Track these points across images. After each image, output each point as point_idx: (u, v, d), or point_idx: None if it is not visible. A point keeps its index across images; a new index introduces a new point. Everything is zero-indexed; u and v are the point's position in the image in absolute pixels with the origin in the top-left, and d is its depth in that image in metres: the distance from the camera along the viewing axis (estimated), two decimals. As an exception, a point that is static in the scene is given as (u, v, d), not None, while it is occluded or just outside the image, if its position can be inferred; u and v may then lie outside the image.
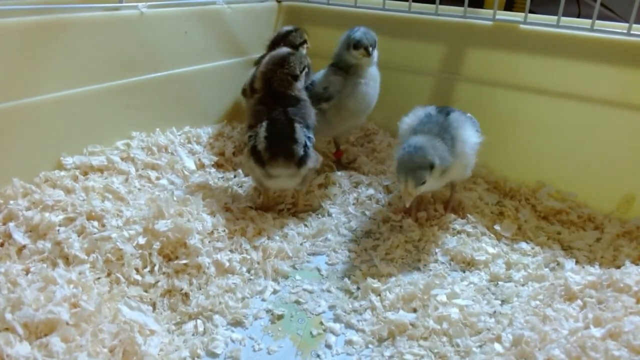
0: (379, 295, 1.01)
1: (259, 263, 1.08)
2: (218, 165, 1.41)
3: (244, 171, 1.36)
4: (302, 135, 1.13)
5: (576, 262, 1.10)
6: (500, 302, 0.99)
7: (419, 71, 1.51)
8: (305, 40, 1.45)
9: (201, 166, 1.39)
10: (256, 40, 1.61)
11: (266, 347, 0.90)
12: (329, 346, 0.91)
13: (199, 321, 0.93)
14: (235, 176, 1.38)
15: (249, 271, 1.07)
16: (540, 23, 1.29)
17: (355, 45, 1.28)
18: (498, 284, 1.05)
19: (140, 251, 0.99)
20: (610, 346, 0.75)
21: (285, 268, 1.08)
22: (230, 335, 0.91)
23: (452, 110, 1.17)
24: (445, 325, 0.91)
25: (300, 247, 1.14)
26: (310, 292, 1.03)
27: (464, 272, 1.09)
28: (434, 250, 1.15)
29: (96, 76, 1.26)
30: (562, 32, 1.25)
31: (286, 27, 1.47)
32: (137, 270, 0.98)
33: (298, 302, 1.00)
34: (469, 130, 1.13)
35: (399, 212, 1.25)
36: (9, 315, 0.78)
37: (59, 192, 1.12)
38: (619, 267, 0.99)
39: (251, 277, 1.05)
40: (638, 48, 1.16)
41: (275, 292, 1.03)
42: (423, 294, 0.98)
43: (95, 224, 1.03)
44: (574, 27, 1.23)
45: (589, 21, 1.21)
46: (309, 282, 1.06)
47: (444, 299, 0.97)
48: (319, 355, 0.89)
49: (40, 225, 1.02)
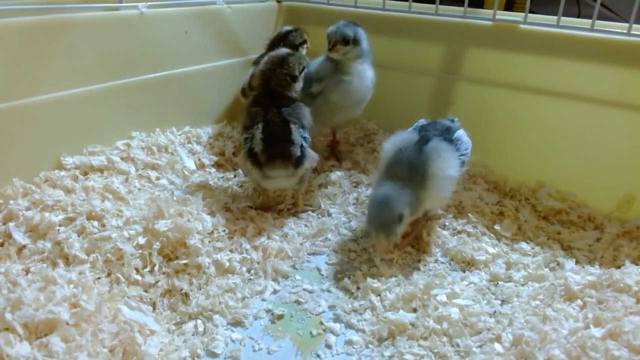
0: (379, 295, 1.01)
1: (259, 263, 1.08)
2: (218, 165, 1.41)
3: (243, 171, 1.36)
4: (298, 136, 1.13)
5: (576, 262, 1.10)
6: (500, 302, 0.99)
7: (419, 71, 1.51)
8: (305, 40, 1.44)
9: (201, 166, 1.39)
10: (256, 40, 1.61)
11: (266, 347, 0.90)
12: (329, 346, 0.91)
13: (199, 321, 0.93)
14: (235, 176, 1.38)
15: (249, 271, 1.07)
16: (540, 23, 1.29)
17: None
18: (498, 283, 1.05)
19: (140, 251, 0.99)
20: (610, 346, 0.75)
21: (285, 268, 1.08)
22: (230, 335, 0.91)
23: (432, 138, 1.08)
24: (445, 325, 0.91)
25: (300, 247, 1.14)
26: (310, 292, 1.03)
27: (464, 272, 1.09)
28: (434, 250, 1.15)
29: (96, 76, 1.26)
30: (562, 32, 1.25)
31: (286, 27, 1.47)
32: (137, 270, 0.98)
33: (298, 302, 1.00)
34: (445, 162, 1.06)
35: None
36: (9, 315, 0.78)
37: (59, 192, 1.12)
38: (619, 267, 0.99)
39: (251, 277, 1.05)
40: (638, 48, 1.16)
41: (275, 292, 1.03)
42: (423, 294, 0.98)
43: (95, 224, 1.03)
44: (574, 27, 1.23)
45: (589, 21, 1.21)
46: (309, 282, 1.06)
47: (444, 299, 0.97)
48: (319, 355, 0.89)
49: (40, 225, 1.02)
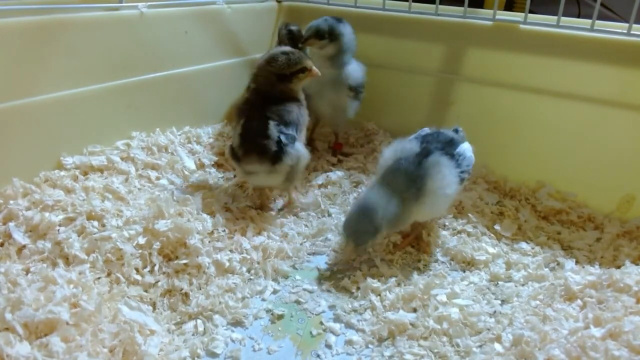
0: (379, 295, 1.01)
1: (259, 263, 1.08)
2: (218, 165, 1.41)
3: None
4: (275, 132, 1.12)
5: (576, 262, 1.10)
6: (500, 302, 0.99)
7: (419, 71, 1.51)
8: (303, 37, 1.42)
9: (201, 166, 1.39)
10: (256, 40, 1.61)
11: (266, 347, 0.90)
12: (329, 346, 0.91)
13: (199, 321, 0.93)
14: (235, 176, 1.38)
15: (249, 271, 1.06)
16: (540, 23, 1.29)
17: None
18: (498, 283, 1.05)
19: (140, 251, 0.99)
20: (610, 346, 0.75)
21: (285, 268, 1.08)
22: (230, 335, 0.91)
23: (433, 151, 1.05)
24: (445, 325, 0.91)
25: (300, 247, 1.14)
26: (310, 292, 1.03)
27: (464, 272, 1.09)
28: (434, 250, 1.15)
29: (96, 76, 1.26)
30: (562, 32, 1.25)
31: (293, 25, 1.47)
32: (137, 270, 0.98)
33: (298, 302, 1.00)
34: (444, 180, 1.03)
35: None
36: (9, 315, 0.78)
37: (59, 192, 1.12)
38: (619, 267, 0.99)
39: (251, 277, 1.05)
40: (638, 48, 1.16)
41: (275, 292, 1.03)
42: (423, 294, 0.98)
43: (95, 223, 1.03)
44: (574, 27, 1.23)
45: (589, 21, 1.21)
46: (309, 282, 1.06)
47: (444, 298, 0.97)
48: (319, 355, 0.89)
49: (40, 225, 1.02)
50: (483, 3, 2.08)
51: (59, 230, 1.01)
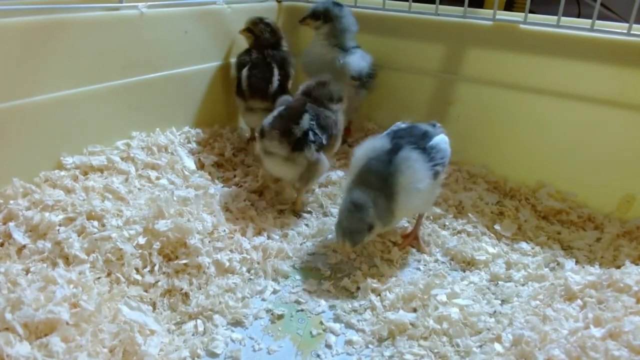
0: (379, 295, 1.01)
1: (259, 263, 1.08)
2: (218, 165, 1.41)
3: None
4: (307, 123, 1.16)
5: (576, 262, 1.10)
6: (500, 302, 0.99)
7: (419, 71, 1.51)
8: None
9: (201, 166, 1.39)
10: (256, 40, 1.60)
11: (266, 347, 0.90)
12: (329, 346, 0.91)
13: (199, 321, 0.93)
14: (235, 176, 1.38)
15: (249, 271, 1.07)
16: (540, 23, 1.29)
17: None
18: (498, 283, 1.05)
19: (140, 251, 0.99)
20: (610, 346, 0.75)
21: (285, 268, 1.08)
22: (230, 335, 0.91)
23: (402, 147, 1.04)
24: (445, 325, 0.91)
25: (300, 247, 1.14)
26: (310, 292, 1.03)
27: (464, 272, 1.09)
28: (434, 250, 1.15)
29: (96, 76, 1.26)
30: (562, 32, 1.25)
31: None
32: (137, 270, 0.98)
33: (298, 302, 1.00)
34: (415, 175, 1.02)
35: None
36: (9, 315, 0.78)
37: (59, 192, 1.12)
38: (619, 267, 0.99)
39: (251, 277, 1.05)
40: (638, 48, 1.16)
41: (275, 292, 1.03)
42: (423, 294, 0.98)
43: (95, 223, 1.03)
44: (574, 27, 1.23)
45: (589, 21, 1.21)
46: (309, 282, 1.06)
47: (444, 298, 0.97)
48: (319, 355, 0.89)
49: (40, 225, 1.02)
50: (483, 3, 2.08)
51: (59, 230, 1.01)
